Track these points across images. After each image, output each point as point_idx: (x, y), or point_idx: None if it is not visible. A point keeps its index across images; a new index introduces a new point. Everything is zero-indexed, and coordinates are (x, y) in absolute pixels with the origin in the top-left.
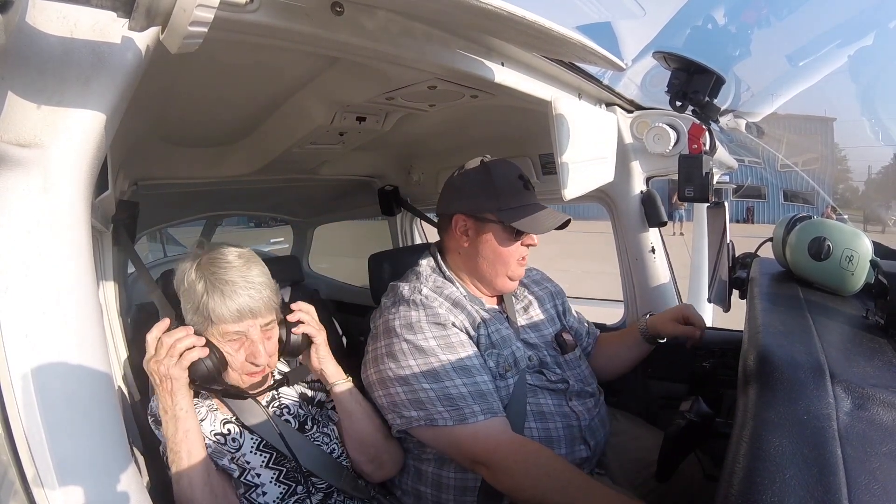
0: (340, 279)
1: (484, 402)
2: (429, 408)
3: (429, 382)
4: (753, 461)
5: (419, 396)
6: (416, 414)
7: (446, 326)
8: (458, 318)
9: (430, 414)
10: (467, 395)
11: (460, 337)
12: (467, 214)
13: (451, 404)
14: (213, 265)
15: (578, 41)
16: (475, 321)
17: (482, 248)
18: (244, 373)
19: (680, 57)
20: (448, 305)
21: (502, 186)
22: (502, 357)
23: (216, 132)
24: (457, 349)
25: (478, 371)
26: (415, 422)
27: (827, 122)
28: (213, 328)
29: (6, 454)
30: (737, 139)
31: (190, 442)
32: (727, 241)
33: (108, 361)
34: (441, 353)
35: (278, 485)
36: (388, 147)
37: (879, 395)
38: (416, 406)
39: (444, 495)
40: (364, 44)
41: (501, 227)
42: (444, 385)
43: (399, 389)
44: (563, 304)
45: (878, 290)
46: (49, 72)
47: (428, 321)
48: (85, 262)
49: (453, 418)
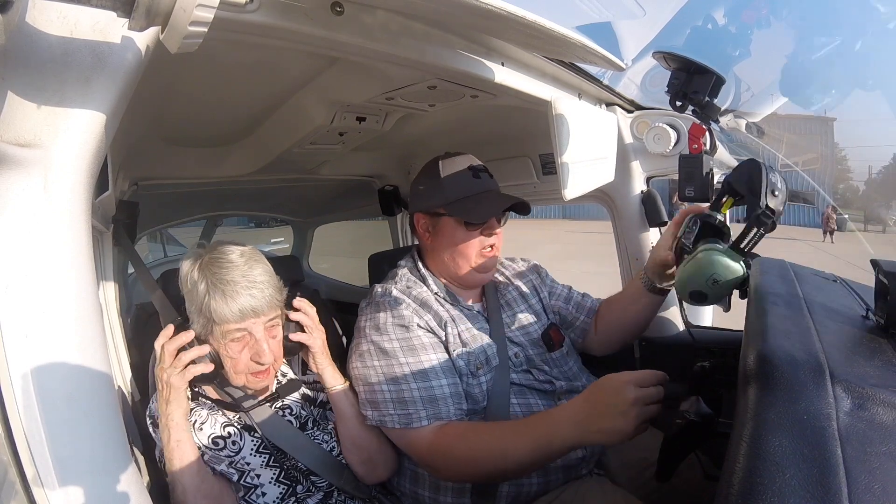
0: (340, 279)
1: (432, 408)
2: (382, 409)
3: (387, 384)
4: (753, 461)
5: (376, 398)
6: (371, 413)
7: (410, 328)
8: (424, 319)
9: (383, 415)
10: (418, 400)
11: (423, 340)
12: (423, 212)
13: (402, 408)
14: (215, 265)
15: (578, 41)
16: (442, 320)
17: (442, 244)
18: (250, 372)
19: (680, 57)
20: (415, 306)
21: (449, 179)
22: (473, 355)
23: (216, 132)
24: (418, 352)
25: (435, 375)
26: (370, 419)
27: (827, 122)
28: (216, 328)
29: (6, 454)
30: (737, 139)
31: (182, 451)
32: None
33: (108, 361)
34: (402, 355)
35: (278, 485)
36: (388, 147)
37: (879, 395)
38: (372, 406)
39: (442, 497)
40: (364, 44)
41: (453, 220)
42: (399, 388)
43: (362, 388)
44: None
45: (879, 290)
46: (49, 72)
47: (393, 323)
48: (85, 262)
49: (401, 422)
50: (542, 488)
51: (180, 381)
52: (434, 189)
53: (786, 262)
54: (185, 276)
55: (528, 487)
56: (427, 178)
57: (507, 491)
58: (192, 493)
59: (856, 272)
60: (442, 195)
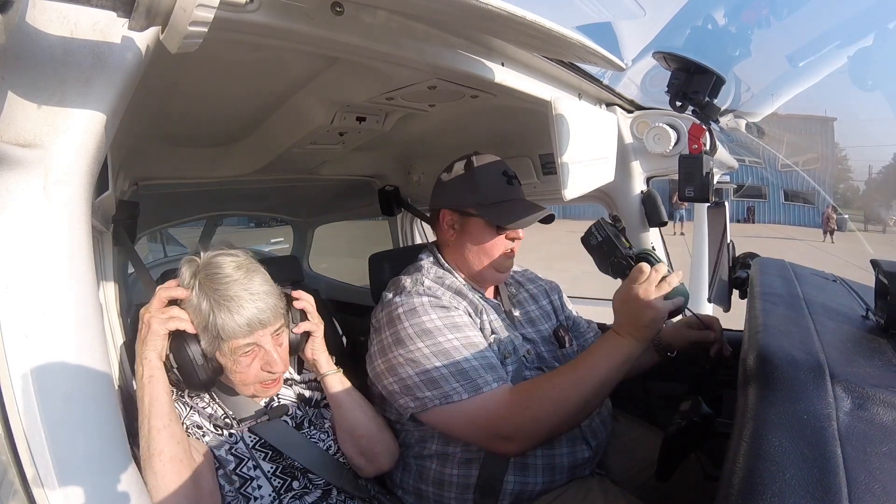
0: (340, 279)
1: (494, 372)
2: (443, 385)
3: (440, 360)
4: (753, 461)
5: (432, 376)
6: (431, 394)
7: (449, 308)
8: (462, 305)
9: (445, 391)
10: (479, 368)
11: (464, 318)
12: (452, 209)
13: (465, 377)
14: (214, 282)
15: (578, 41)
16: (477, 308)
17: (467, 241)
18: (260, 382)
19: (680, 57)
20: (451, 294)
21: (484, 181)
22: (502, 343)
23: (216, 132)
24: (462, 328)
25: (486, 347)
26: (429, 402)
27: (827, 122)
28: (223, 345)
29: (6, 454)
30: (737, 139)
31: (153, 387)
32: (727, 241)
33: (107, 361)
34: (448, 332)
35: (274, 478)
36: (388, 147)
37: (879, 395)
38: (430, 386)
39: (447, 493)
40: (364, 44)
41: (483, 222)
42: (455, 361)
43: (411, 372)
44: (560, 299)
45: (879, 290)
46: (49, 72)
47: (431, 305)
48: (85, 262)
49: (467, 390)
50: (547, 487)
51: (160, 327)
52: (466, 188)
53: (786, 262)
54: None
55: (532, 486)
56: (459, 175)
57: (511, 489)
58: (157, 434)
59: (856, 272)
60: (475, 195)
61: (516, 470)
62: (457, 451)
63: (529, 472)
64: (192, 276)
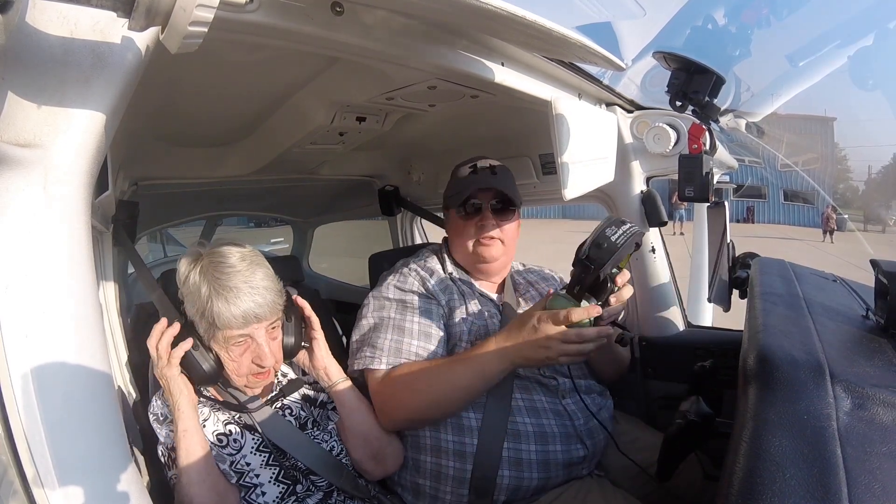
0: (340, 279)
1: (395, 358)
2: (357, 353)
3: (370, 330)
4: (753, 461)
5: (358, 343)
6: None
7: (405, 291)
8: (430, 284)
9: (356, 357)
10: (387, 349)
11: (415, 303)
12: (445, 209)
13: (371, 351)
14: (217, 270)
15: (578, 41)
16: (447, 287)
17: (449, 233)
18: (251, 374)
19: (680, 57)
20: (423, 274)
21: (456, 178)
22: (475, 326)
23: (216, 132)
24: (405, 311)
25: (410, 334)
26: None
27: (827, 122)
28: (218, 333)
29: (6, 454)
30: (737, 139)
31: (188, 440)
32: (727, 241)
33: (108, 361)
34: (392, 310)
35: (277, 484)
36: (388, 147)
37: (879, 395)
38: (353, 353)
39: (443, 486)
40: (364, 44)
41: (452, 212)
42: (378, 335)
43: (356, 337)
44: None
45: (879, 290)
46: (49, 72)
47: (394, 285)
48: (85, 262)
49: (364, 363)
50: (542, 483)
51: (171, 370)
52: (448, 189)
53: (786, 262)
54: (184, 276)
55: (528, 481)
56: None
57: (507, 483)
58: (197, 484)
59: (855, 272)
60: (450, 192)
61: (510, 465)
62: (448, 442)
63: (524, 467)
64: (193, 262)
